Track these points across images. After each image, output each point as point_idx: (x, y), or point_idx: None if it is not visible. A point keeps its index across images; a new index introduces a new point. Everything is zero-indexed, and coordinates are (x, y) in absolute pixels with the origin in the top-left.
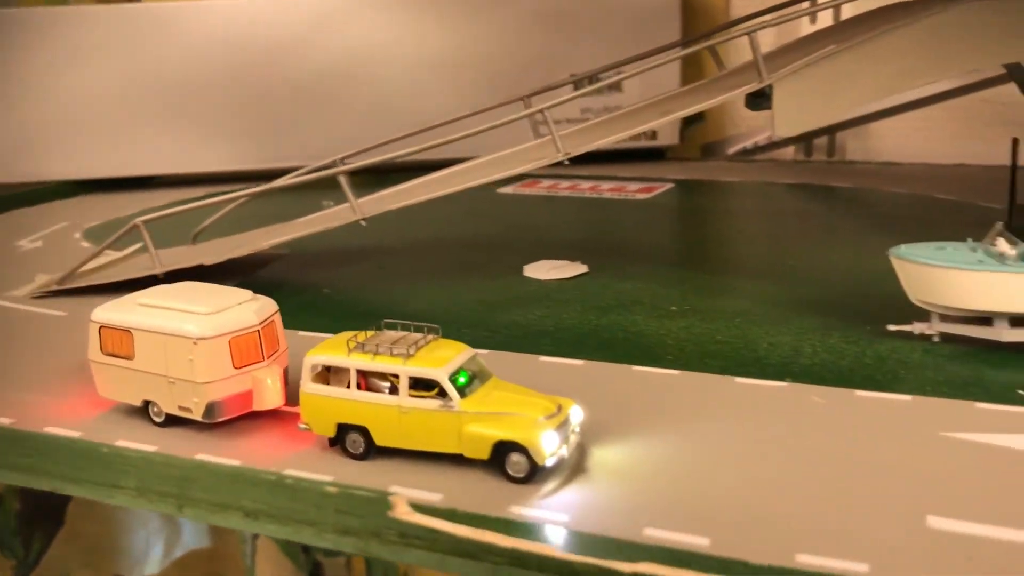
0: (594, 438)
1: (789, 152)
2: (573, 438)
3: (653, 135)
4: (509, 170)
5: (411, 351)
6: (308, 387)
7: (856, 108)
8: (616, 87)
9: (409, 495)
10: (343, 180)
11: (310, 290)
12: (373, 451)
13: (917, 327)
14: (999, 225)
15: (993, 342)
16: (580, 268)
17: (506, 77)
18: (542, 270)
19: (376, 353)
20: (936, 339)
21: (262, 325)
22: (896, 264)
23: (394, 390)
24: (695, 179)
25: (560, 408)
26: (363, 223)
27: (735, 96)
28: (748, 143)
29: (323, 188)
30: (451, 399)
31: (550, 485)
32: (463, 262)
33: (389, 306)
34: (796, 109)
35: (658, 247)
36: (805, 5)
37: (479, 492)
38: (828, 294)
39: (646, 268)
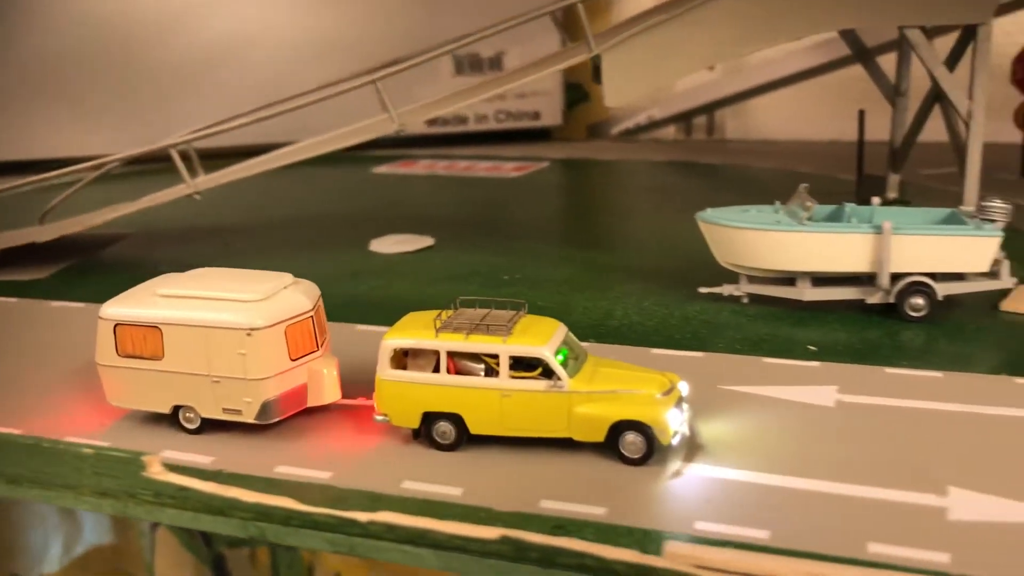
0: None
1: (671, 131)
2: (687, 414)
3: (536, 115)
4: (344, 143)
5: (508, 328)
6: (387, 373)
7: (683, 75)
8: (498, 64)
9: (176, 458)
10: (174, 155)
11: (147, 267)
12: (465, 441)
13: (726, 289)
14: (803, 187)
15: (798, 302)
16: (426, 241)
17: (381, 58)
18: (387, 244)
19: (470, 332)
20: (745, 300)
21: (315, 310)
22: (703, 228)
23: (490, 372)
24: (574, 158)
25: (673, 384)
26: (197, 197)
27: (561, 68)
28: (631, 123)
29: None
30: (560, 379)
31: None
32: (313, 239)
33: None
34: (625, 78)
35: (511, 221)
36: None
37: (249, 454)
38: (656, 261)
39: (493, 241)
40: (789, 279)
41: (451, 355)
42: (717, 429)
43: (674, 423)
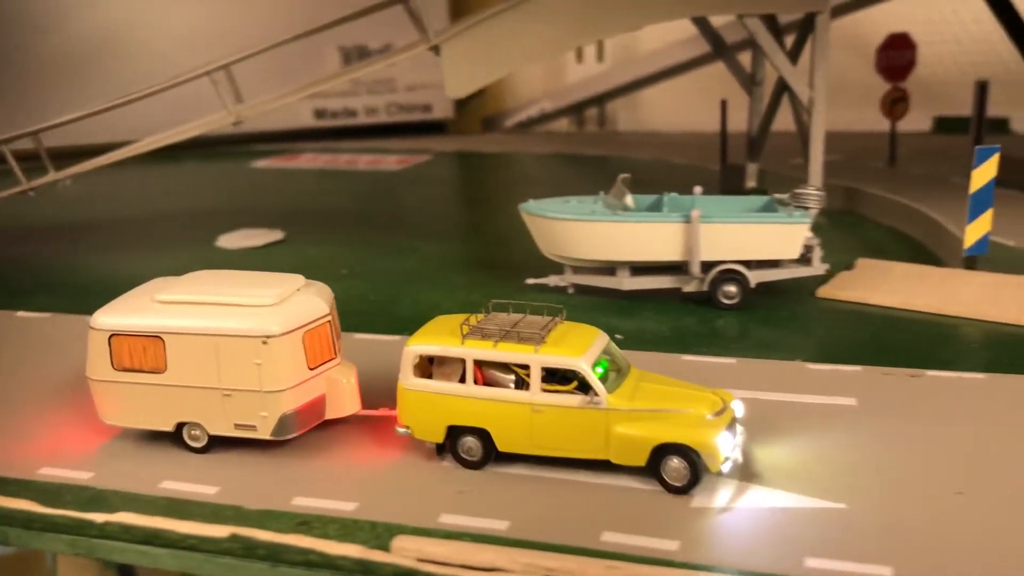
0: None
1: (564, 123)
2: (741, 438)
3: (428, 108)
4: (180, 137)
5: (542, 337)
6: (410, 382)
7: (522, 65)
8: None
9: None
10: (6, 152)
11: None
12: (492, 458)
13: (552, 280)
14: (622, 177)
15: (620, 291)
16: (275, 236)
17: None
18: (235, 239)
19: (500, 340)
20: (571, 291)
21: (331, 314)
22: (525, 219)
23: (521, 384)
24: (463, 150)
25: (725, 403)
26: (32, 194)
27: (400, 59)
28: (524, 115)
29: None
30: (597, 394)
31: None
32: (162, 236)
33: (60, 279)
34: (465, 69)
35: (370, 215)
36: None
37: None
38: (497, 253)
39: (345, 234)
40: (610, 269)
41: (478, 364)
42: None
43: (725, 448)
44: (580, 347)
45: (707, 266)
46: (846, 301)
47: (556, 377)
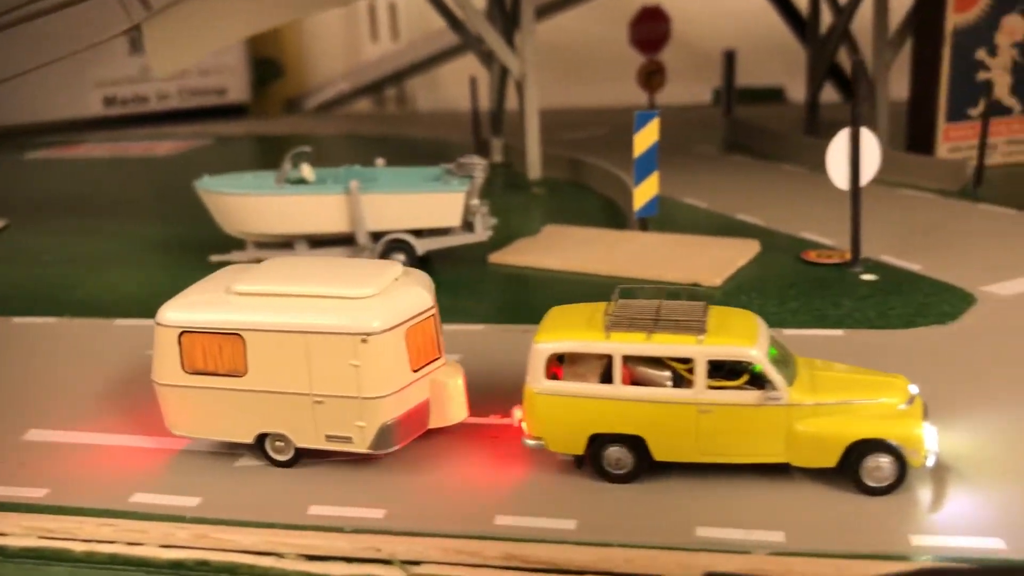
0: None
1: (367, 104)
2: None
3: (223, 92)
4: None
5: (703, 325)
6: (542, 385)
7: (227, 43)
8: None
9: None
10: None
11: None
12: (644, 470)
13: (235, 256)
14: (295, 151)
15: None
16: None
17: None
18: None
19: (652, 331)
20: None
21: (435, 306)
22: (202, 196)
23: (679, 381)
24: (253, 133)
25: (911, 390)
26: None
27: (105, 41)
28: (324, 97)
29: None
30: (776, 388)
31: None
32: None
33: None
34: (168, 49)
35: (98, 201)
36: None
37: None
38: (200, 232)
39: (66, 222)
40: (290, 243)
41: (625, 360)
42: None
43: (930, 440)
44: (749, 334)
45: (378, 236)
46: (513, 265)
47: (722, 371)
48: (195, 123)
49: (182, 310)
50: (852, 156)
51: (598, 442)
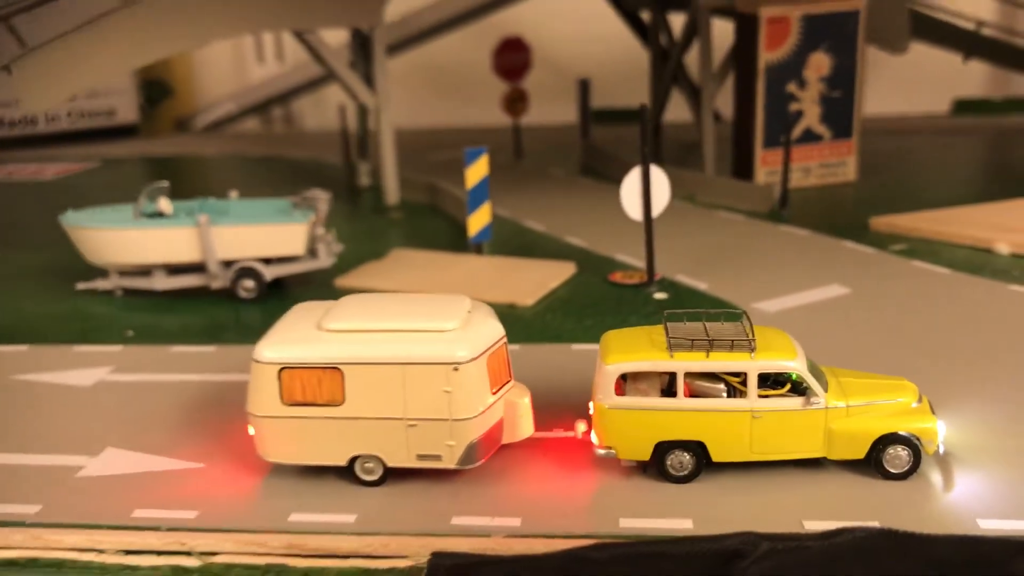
0: None
1: (255, 124)
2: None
3: (112, 113)
4: None
5: (752, 344)
6: (613, 400)
7: (100, 80)
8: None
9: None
10: None
11: None
12: (701, 471)
13: (100, 284)
14: (153, 186)
15: (157, 291)
16: None
17: None
18: None
19: (710, 350)
20: (119, 293)
21: (505, 335)
22: (66, 230)
23: (732, 392)
24: (142, 154)
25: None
26: None
27: None
28: (213, 117)
29: None
30: (816, 394)
31: None
32: None
33: None
34: (41, 86)
35: None
36: None
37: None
38: (63, 259)
39: None
40: (148, 271)
41: (685, 376)
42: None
43: (941, 432)
44: (790, 350)
45: (229, 264)
46: (357, 287)
47: (768, 382)
48: (85, 144)
49: (280, 348)
50: (644, 190)
51: (662, 449)
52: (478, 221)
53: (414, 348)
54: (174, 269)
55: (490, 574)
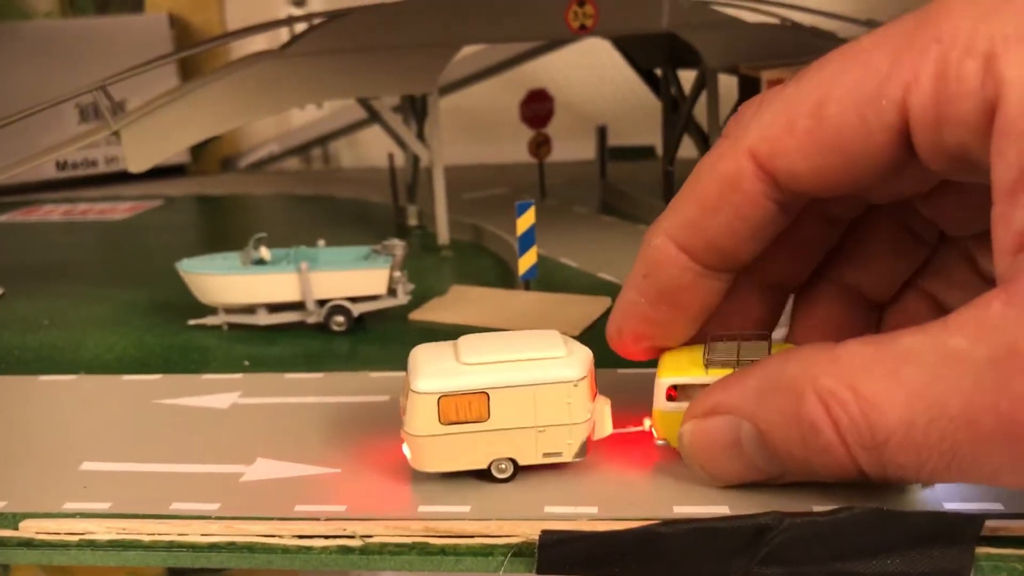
0: None
1: (295, 162)
2: None
3: None
4: None
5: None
6: (664, 405)
7: (193, 143)
8: (122, 109)
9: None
10: None
11: None
12: None
13: (209, 320)
14: (255, 237)
15: (261, 326)
16: None
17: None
18: None
19: (735, 367)
20: (225, 328)
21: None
22: (182, 275)
23: None
24: (196, 194)
25: None
26: None
27: (88, 142)
28: (255, 157)
29: None
30: None
31: None
32: None
33: None
34: (144, 148)
35: (81, 266)
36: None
37: None
38: (172, 297)
39: (56, 287)
40: (252, 309)
41: None
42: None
43: None
44: None
45: (322, 302)
46: (428, 321)
47: None
48: (139, 183)
49: (436, 381)
50: None
51: None
52: (526, 262)
53: (542, 372)
54: (274, 307)
55: (586, 546)
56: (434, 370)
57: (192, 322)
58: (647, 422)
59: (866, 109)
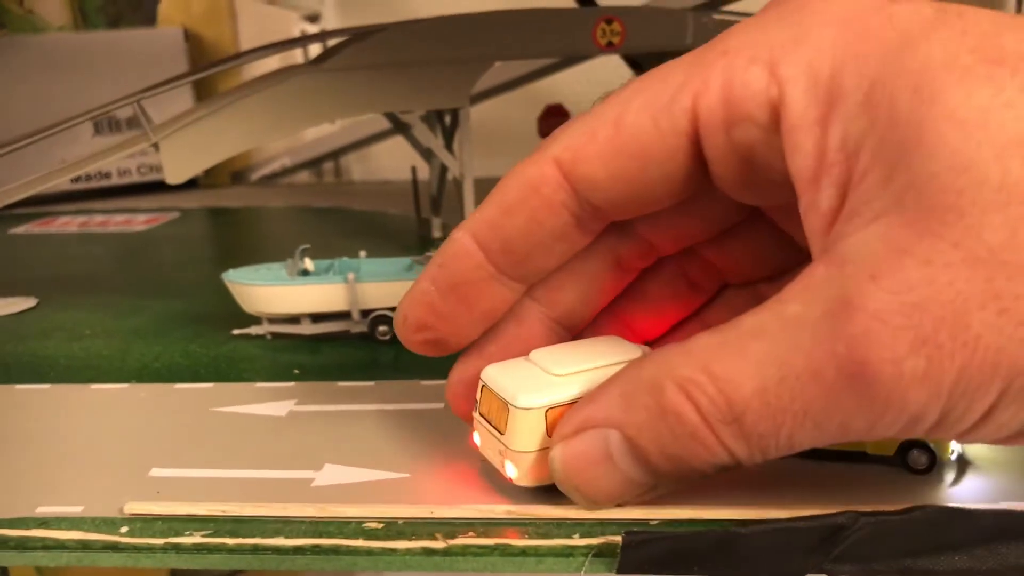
0: None
1: (306, 176)
2: None
3: None
4: None
5: None
6: None
7: (230, 155)
8: (136, 124)
9: None
10: None
11: None
12: None
13: (253, 329)
14: (300, 249)
15: (306, 335)
16: (28, 303)
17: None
18: None
19: None
20: (269, 337)
21: None
22: (228, 286)
23: None
24: (210, 206)
25: None
26: None
27: (127, 154)
28: (267, 169)
29: None
30: None
31: None
32: None
33: None
34: (181, 160)
35: (112, 276)
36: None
37: None
38: (211, 307)
39: (90, 297)
40: (296, 319)
41: None
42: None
43: (955, 443)
44: None
45: (366, 312)
46: None
47: None
48: (152, 196)
49: (537, 395)
50: None
51: None
52: None
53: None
54: (317, 317)
55: (668, 547)
56: (530, 385)
57: (236, 332)
58: None
59: (659, 115)
